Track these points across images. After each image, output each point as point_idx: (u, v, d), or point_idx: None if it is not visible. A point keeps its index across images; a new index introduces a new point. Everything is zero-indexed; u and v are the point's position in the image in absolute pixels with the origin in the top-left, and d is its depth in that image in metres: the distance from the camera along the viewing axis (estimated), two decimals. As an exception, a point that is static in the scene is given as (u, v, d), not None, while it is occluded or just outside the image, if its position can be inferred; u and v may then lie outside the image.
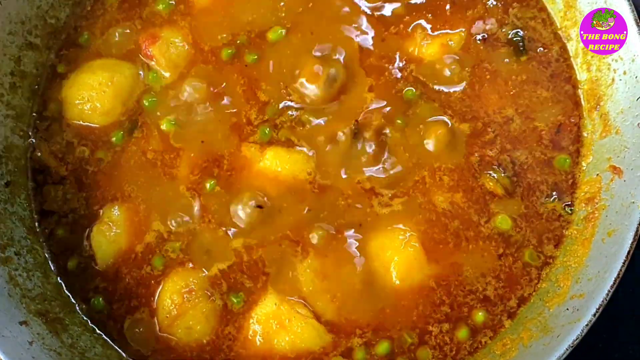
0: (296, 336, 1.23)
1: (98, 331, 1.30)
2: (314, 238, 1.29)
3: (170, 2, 1.48)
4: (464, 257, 1.28)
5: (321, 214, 1.31)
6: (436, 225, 1.30)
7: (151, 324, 1.28)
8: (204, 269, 1.30)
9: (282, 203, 1.32)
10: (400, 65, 1.41)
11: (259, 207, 1.30)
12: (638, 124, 1.21)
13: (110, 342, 1.29)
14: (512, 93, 1.37)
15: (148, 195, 1.36)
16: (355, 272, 1.28)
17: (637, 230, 1.13)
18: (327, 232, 1.30)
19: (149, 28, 1.46)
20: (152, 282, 1.30)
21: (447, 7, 1.44)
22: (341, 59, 1.41)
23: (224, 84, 1.41)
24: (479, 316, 1.25)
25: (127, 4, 1.49)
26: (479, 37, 1.41)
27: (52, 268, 1.34)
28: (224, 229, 1.32)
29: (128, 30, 1.46)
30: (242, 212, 1.31)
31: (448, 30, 1.42)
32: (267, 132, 1.37)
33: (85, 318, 1.31)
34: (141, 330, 1.28)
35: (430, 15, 1.43)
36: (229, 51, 1.43)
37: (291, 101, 1.39)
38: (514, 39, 1.40)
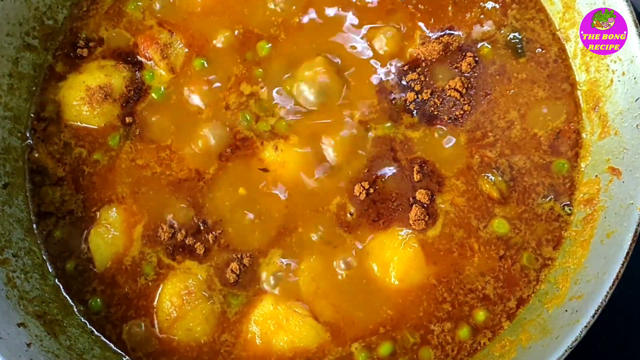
0: (294, 335, 1.24)
1: (96, 333, 1.30)
2: (313, 237, 1.30)
3: (138, 3, 1.48)
4: (467, 262, 1.28)
5: (319, 211, 1.32)
6: (443, 236, 1.30)
7: (151, 326, 1.28)
8: (199, 275, 1.30)
9: (279, 198, 1.33)
10: (398, 67, 1.41)
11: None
12: (637, 125, 1.21)
13: (109, 344, 1.29)
14: (511, 94, 1.37)
15: (145, 196, 1.36)
16: (354, 272, 1.28)
17: (636, 232, 1.13)
18: (326, 230, 1.31)
19: (144, 31, 1.46)
20: (151, 282, 1.31)
21: (449, 8, 1.44)
22: (339, 62, 1.41)
23: (219, 81, 1.42)
24: (480, 315, 1.26)
25: (112, 9, 1.49)
26: (480, 44, 1.41)
27: (50, 270, 1.34)
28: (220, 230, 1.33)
29: (123, 33, 1.46)
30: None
31: (447, 32, 1.42)
32: (253, 123, 1.37)
33: (83, 320, 1.31)
34: (141, 332, 1.29)
35: (431, 19, 1.43)
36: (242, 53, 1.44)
37: (288, 100, 1.39)
38: (512, 40, 1.40)
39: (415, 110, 1.37)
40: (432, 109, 1.37)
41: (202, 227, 1.32)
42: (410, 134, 1.36)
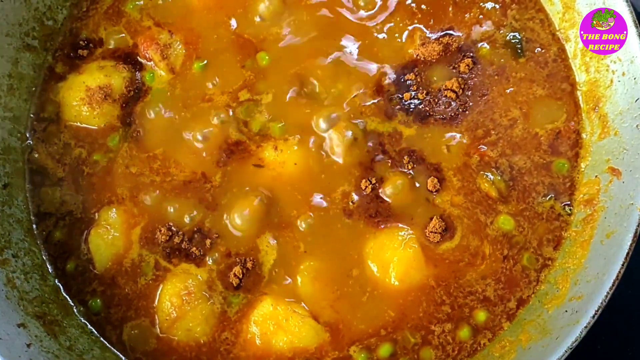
0: (294, 335, 1.24)
1: (96, 333, 1.30)
2: (303, 225, 1.31)
3: (137, 2, 1.48)
4: (472, 268, 1.28)
5: (319, 209, 1.32)
6: (458, 248, 1.30)
7: (151, 326, 1.28)
8: (199, 275, 1.29)
9: (282, 196, 1.33)
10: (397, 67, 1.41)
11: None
12: (637, 126, 1.20)
13: (108, 345, 1.29)
14: (509, 93, 1.37)
15: (144, 199, 1.36)
16: (354, 272, 1.28)
17: (635, 232, 1.12)
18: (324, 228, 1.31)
19: (142, 31, 1.46)
20: (151, 282, 1.31)
21: (450, 8, 1.44)
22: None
23: (218, 84, 1.42)
24: (481, 315, 1.26)
25: (111, 9, 1.49)
26: (479, 44, 1.41)
27: (50, 270, 1.34)
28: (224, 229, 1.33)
29: (122, 34, 1.47)
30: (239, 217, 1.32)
31: (447, 32, 1.42)
32: (246, 126, 1.37)
33: (83, 320, 1.31)
34: (140, 332, 1.29)
35: (431, 20, 1.43)
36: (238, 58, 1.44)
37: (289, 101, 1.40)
38: (512, 40, 1.40)
39: (412, 110, 1.37)
40: (428, 108, 1.37)
41: (200, 232, 1.32)
42: (408, 133, 1.35)
